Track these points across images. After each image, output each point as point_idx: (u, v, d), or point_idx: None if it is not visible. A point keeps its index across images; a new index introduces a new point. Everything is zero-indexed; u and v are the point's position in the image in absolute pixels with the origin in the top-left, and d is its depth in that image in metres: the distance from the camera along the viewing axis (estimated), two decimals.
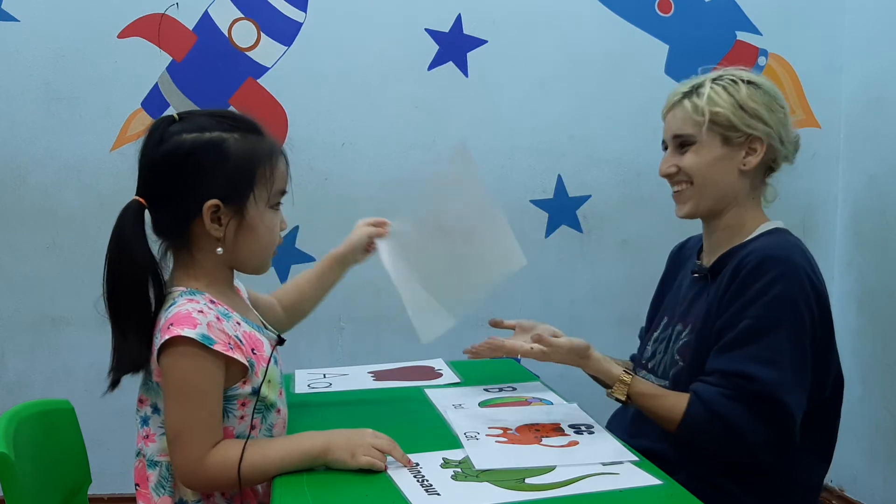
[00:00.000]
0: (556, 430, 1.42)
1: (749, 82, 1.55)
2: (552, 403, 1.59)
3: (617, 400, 1.52)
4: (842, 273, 2.88)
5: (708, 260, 1.62)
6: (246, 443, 1.22)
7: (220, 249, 1.28)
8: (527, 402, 1.60)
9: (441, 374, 1.88)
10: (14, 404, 1.39)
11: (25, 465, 1.28)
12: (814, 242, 2.88)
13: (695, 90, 1.57)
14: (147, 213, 1.30)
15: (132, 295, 1.26)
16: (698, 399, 1.43)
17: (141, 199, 1.29)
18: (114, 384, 1.30)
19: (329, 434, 1.26)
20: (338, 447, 1.23)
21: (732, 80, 1.55)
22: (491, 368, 2.12)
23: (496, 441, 1.35)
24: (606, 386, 1.55)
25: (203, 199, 1.26)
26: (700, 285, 1.60)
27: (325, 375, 1.88)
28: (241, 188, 1.28)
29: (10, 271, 2.71)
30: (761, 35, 2.86)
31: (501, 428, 1.42)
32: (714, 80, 1.57)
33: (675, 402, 1.46)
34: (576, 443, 1.35)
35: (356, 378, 1.87)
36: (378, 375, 1.88)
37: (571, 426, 1.44)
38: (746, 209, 1.58)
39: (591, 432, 1.41)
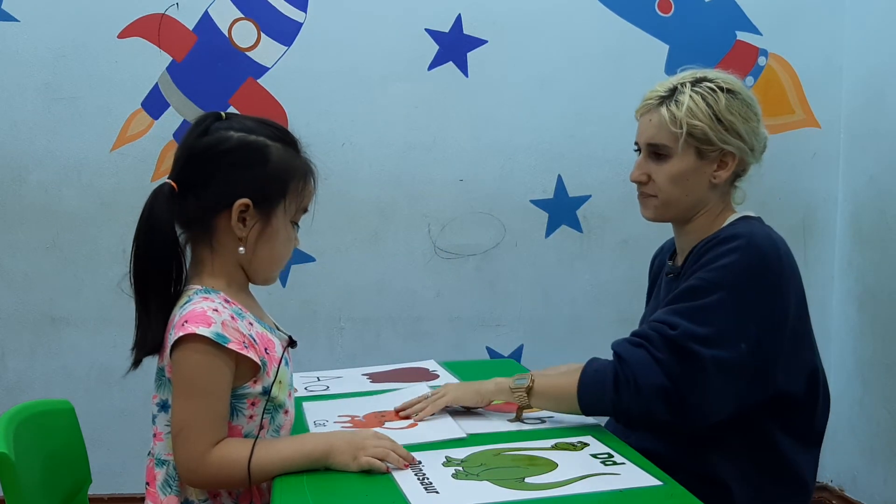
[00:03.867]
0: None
1: (728, 91, 1.51)
2: None
3: (519, 397, 1.46)
4: (842, 273, 2.88)
5: (680, 260, 1.62)
6: (255, 442, 1.22)
7: (241, 249, 1.30)
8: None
9: (437, 376, 1.86)
10: (14, 404, 1.39)
11: (25, 465, 1.28)
12: (814, 242, 2.89)
13: (673, 95, 1.52)
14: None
15: (159, 273, 1.28)
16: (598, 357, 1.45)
17: (173, 183, 1.29)
18: (136, 363, 1.30)
19: (331, 436, 1.28)
20: (340, 450, 1.24)
21: (712, 89, 1.51)
22: (487, 368, 2.12)
23: (342, 427, 1.45)
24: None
25: (235, 196, 1.28)
26: (674, 285, 1.59)
27: (318, 378, 1.87)
28: (274, 195, 1.31)
29: (11, 271, 2.71)
30: (761, 35, 2.86)
31: (350, 416, 1.51)
32: (693, 84, 1.52)
33: (573, 371, 1.46)
34: (415, 425, 1.45)
35: (351, 380, 1.86)
36: (373, 377, 1.87)
37: None
38: (716, 213, 1.57)
39: (433, 417, 1.49)
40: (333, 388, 1.77)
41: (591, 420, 1.49)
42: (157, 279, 1.28)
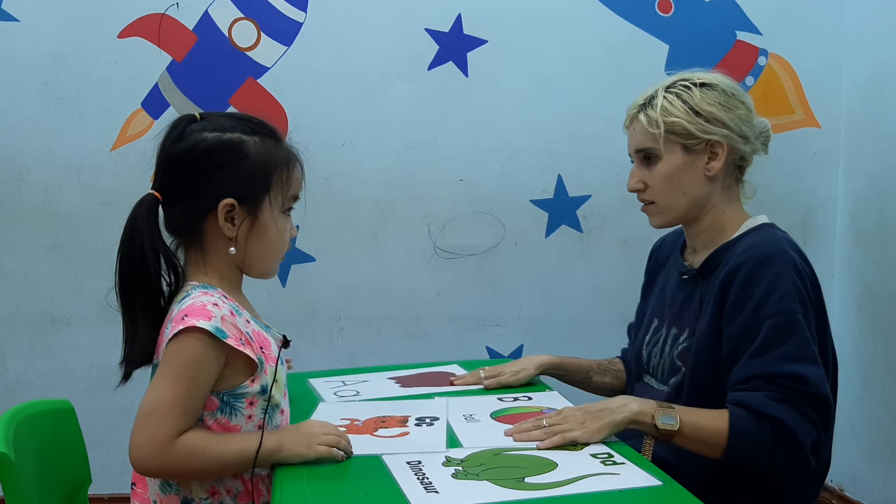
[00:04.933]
0: (402, 422, 1.47)
1: (703, 84, 1.53)
2: None
3: (662, 434, 1.38)
4: (842, 273, 2.88)
5: (694, 260, 1.60)
6: (263, 433, 1.24)
7: (232, 249, 1.30)
8: (541, 413, 1.54)
9: None
10: (14, 404, 1.39)
11: (25, 465, 1.28)
12: (814, 242, 2.89)
13: (650, 101, 1.55)
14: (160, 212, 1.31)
15: (144, 287, 1.28)
16: (741, 406, 1.39)
17: (156, 193, 1.29)
18: (126, 377, 1.30)
19: (281, 432, 1.29)
20: (292, 442, 1.25)
21: (685, 86, 1.53)
22: None
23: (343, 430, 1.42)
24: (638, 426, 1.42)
25: (219, 197, 1.28)
26: (690, 287, 1.58)
27: (344, 383, 1.84)
28: (257, 190, 1.30)
29: (11, 271, 2.71)
30: (761, 35, 2.86)
31: (351, 419, 1.49)
32: (667, 87, 1.55)
33: (716, 419, 1.40)
34: (406, 433, 1.41)
35: (379, 385, 1.81)
36: (401, 381, 1.84)
37: (418, 419, 1.48)
38: (724, 209, 1.57)
39: (431, 425, 1.46)
40: (363, 393, 1.74)
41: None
42: (142, 293, 1.28)
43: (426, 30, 2.77)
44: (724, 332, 1.46)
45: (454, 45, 2.78)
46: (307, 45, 2.73)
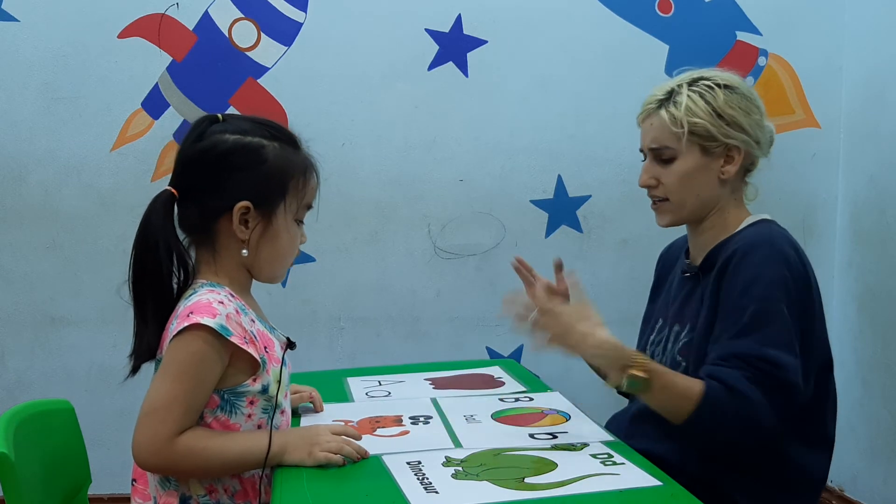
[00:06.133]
0: (396, 421, 1.48)
1: (726, 86, 1.52)
2: (569, 417, 1.54)
3: (632, 382, 1.38)
4: (842, 273, 2.88)
5: (697, 258, 1.61)
6: (271, 435, 1.23)
7: (244, 251, 1.30)
8: (542, 414, 1.56)
9: (503, 383, 1.82)
10: (14, 404, 1.40)
11: (25, 465, 1.28)
12: (814, 242, 2.89)
13: (671, 97, 1.54)
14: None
15: (156, 283, 1.28)
16: (715, 379, 1.39)
17: (173, 190, 1.30)
18: (134, 370, 1.31)
19: (286, 434, 1.29)
20: (294, 447, 1.25)
21: (709, 86, 1.52)
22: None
23: None
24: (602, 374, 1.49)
25: (235, 199, 1.28)
26: (691, 284, 1.60)
27: (380, 383, 1.84)
28: (274, 195, 1.31)
29: (10, 271, 2.71)
30: (761, 35, 2.86)
31: (344, 420, 1.49)
32: (690, 84, 1.54)
33: (690, 383, 1.41)
34: (407, 432, 1.43)
35: (414, 386, 1.81)
36: (436, 383, 1.83)
37: (411, 418, 1.49)
38: (729, 210, 1.58)
39: (427, 423, 1.47)
40: (395, 394, 1.74)
41: (596, 430, 1.47)
42: (153, 288, 1.29)
43: (426, 30, 2.77)
44: (713, 317, 1.48)
45: (454, 45, 2.78)
46: (307, 45, 2.73)
